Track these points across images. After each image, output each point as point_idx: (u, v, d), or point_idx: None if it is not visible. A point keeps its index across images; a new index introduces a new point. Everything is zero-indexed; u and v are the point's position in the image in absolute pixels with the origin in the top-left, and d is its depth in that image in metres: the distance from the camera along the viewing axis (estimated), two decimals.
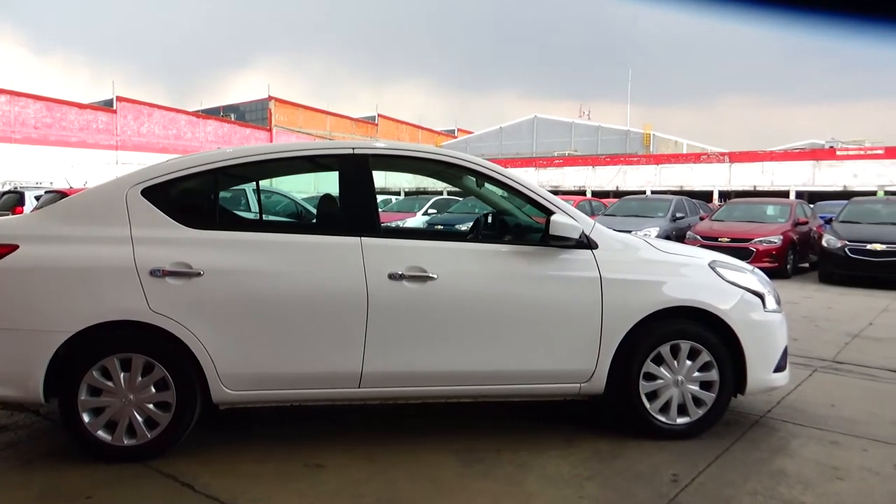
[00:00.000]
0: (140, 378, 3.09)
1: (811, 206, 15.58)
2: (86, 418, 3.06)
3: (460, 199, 16.74)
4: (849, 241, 10.74)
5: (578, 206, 13.25)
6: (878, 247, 10.44)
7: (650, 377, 3.49)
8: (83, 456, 3.12)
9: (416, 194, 28.04)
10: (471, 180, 4.16)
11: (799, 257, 12.18)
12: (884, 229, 10.94)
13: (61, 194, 10.29)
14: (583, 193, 32.26)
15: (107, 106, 38.93)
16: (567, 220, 3.38)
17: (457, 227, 11.77)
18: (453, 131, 65.82)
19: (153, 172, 3.29)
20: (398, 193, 31.33)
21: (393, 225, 11.60)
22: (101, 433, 3.08)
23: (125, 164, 35.24)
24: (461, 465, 3.19)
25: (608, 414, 3.69)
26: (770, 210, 13.19)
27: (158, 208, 3.19)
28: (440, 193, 22.72)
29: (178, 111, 42.68)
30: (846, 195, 21.92)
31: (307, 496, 2.86)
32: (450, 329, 3.30)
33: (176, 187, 3.31)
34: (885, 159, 28.85)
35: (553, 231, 3.35)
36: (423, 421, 3.79)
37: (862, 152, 30.65)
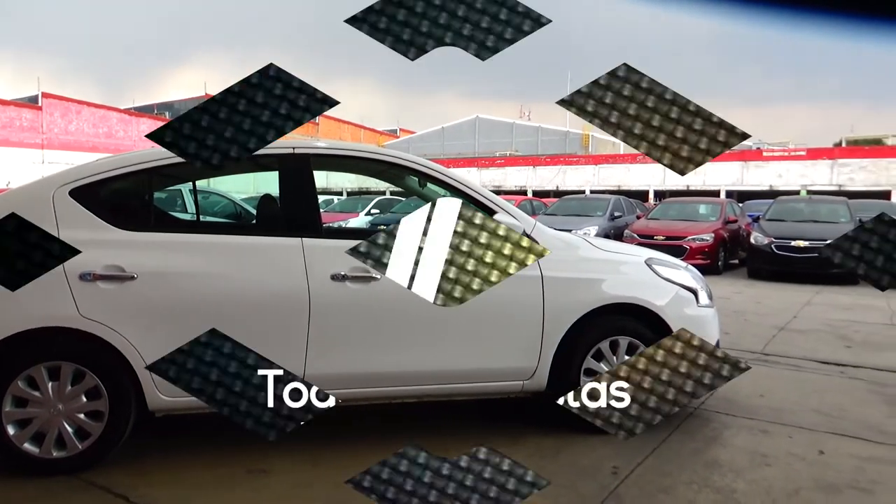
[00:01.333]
0: (70, 387, 2.96)
1: (740, 204, 16.28)
2: (10, 431, 2.91)
3: (403, 199, 16.72)
4: (775, 238, 11.27)
5: (520, 206, 13.43)
6: (802, 243, 10.98)
7: (591, 373, 3.57)
8: (8, 470, 2.96)
9: (359, 194, 27.85)
10: (413, 180, 4.16)
11: (729, 254, 12.72)
12: (806, 227, 11.53)
13: None
14: (524, 193, 32.72)
15: (32, 102, 37.01)
16: (508, 219, 3.42)
17: None
18: (395, 131, 65.57)
19: (82, 172, 3.15)
20: (340, 193, 31.02)
21: (335, 225, 11.47)
22: (27, 446, 2.93)
23: (52, 164, 33.54)
24: None
25: (553, 411, 3.75)
26: (702, 209, 13.72)
27: (88, 209, 3.06)
28: (383, 193, 22.64)
29: (109, 108, 40.88)
30: (772, 194, 23.02)
31: (251, 502, 2.81)
32: (393, 329, 3.29)
33: (107, 188, 3.19)
34: (807, 160, 30.44)
35: None
36: (367, 422, 3.77)
37: (786, 154, 32.24)
